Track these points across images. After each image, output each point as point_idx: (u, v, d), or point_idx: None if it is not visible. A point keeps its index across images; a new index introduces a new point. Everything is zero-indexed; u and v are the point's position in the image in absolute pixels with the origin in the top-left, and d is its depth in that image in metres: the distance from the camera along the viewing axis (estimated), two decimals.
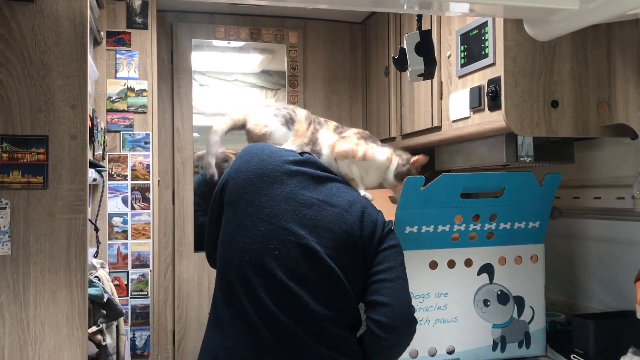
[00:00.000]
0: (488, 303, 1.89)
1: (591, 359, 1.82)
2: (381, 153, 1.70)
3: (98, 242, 2.33)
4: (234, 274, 1.46)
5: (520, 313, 1.93)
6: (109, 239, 2.48)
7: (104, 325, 2.10)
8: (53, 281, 1.49)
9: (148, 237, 2.52)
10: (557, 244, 2.36)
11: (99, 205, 2.42)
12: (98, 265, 2.20)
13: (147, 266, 2.52)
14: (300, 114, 1.71)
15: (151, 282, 2.54)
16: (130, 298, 2.50)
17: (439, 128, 2.20)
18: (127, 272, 2.50)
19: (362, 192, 1.66)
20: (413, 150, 2.64)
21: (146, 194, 2.54)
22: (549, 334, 2.17)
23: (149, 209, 2.55)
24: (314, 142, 1.67)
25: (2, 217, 1.47)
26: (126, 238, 2.50)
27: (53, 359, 1.48)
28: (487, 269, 1.90)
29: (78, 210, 1.51)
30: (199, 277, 2.93)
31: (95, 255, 2.32)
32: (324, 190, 1.55)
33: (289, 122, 1.68)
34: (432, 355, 1.83)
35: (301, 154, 1.61)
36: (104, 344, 2.10)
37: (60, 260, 1.50)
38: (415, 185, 1.70)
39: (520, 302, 1.94)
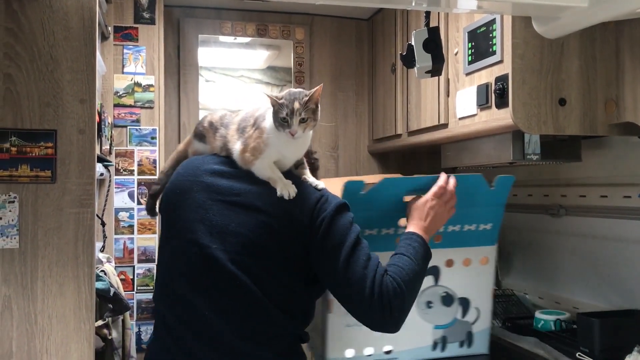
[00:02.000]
0: (431, 305, 1.84)
1: (596, 358, 1.82)
2: (267, 123, 1.47)
3: (104, 237, 2.34)
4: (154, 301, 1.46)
5: (464, 314, 1.89)
6: (115, 234, 2.49)
7: (110, 319, 2.11)
8: (61, 274, 1.50)
9: (154, 232, 2.53)
10: (562, 242, 2.36)
11: (106, 200, 2.43)
12: (104, 260, 2.21)
13: (152, 261, 2.52)
14: (206, 123, 1.59)
15: None
16: (136, 292, 2.50)
17: (445, 125, 2.20)
18: (133, 266, 2.51)
19: (280, 190, 1.43)
20: (419, 147, 2.64)
21: None
22: (553, 332, 2.17)
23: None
24: (226, 149, 1.51)
25: (10, 211, 1.47)
26: (132, 233, 2.51)
27: (60, 352, 1.48)
28: (433, 271, 1.82)
29: (86, 204, 1.52)
30: None
31: (102, 250, 2.33)
32: (242, 191, 1.42)
33: (201, 136, 1.58)
34: (369, 355, 1.77)
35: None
36: (109, 337, 2.11)
37: (68, 254, 1.50)
38: (356, 189, 1.61)
39: (465, 303, 1.87)
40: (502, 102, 1.79)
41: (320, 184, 1.49)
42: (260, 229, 1.37)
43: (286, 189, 1.42)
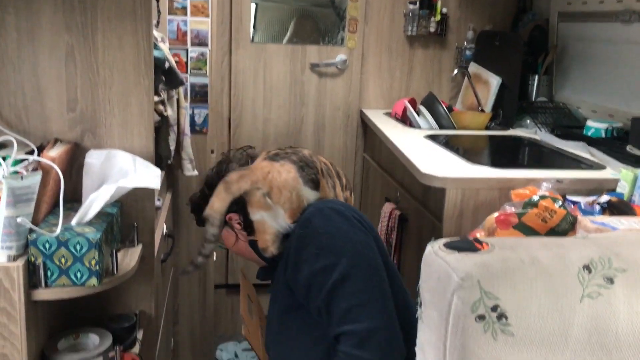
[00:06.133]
0: None
1: None
2: None
3: (158, 12, 2.33)
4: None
5: None
6: (169, 14, 2.46)
7: (166, 96, 2.18)
8: (120, 27, 1.50)
9: (207, 15, 2.50)
10: (628, 52, 2.24)
11: None
12: (159, 38, 2.22)
13: (205, 45, 2.53)
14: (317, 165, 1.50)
15: (210, 62, 2.56)
16: (190, 75, 2.54)
17: None
18: (187, 49, 2.52)
19: None
20: None
21: None
22: (603, 139, 2.15)
23: None
24: None
25: None
26: (185, 14, 2.48)
27: (121, 102, 1.54)
28: None
29: None
30: (254, 68, 2.95)
31: (157, 26, 2.32)
32: None
33: (315, 181, 1.45)
34: None
35: None
36: (165, 114, 2.19)
37: (126, 7, 1.50)
38: None
39: None
40: None
41: None
42: None
43: None
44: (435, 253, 1.06)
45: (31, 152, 1.38)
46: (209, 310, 3.02)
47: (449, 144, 2.28)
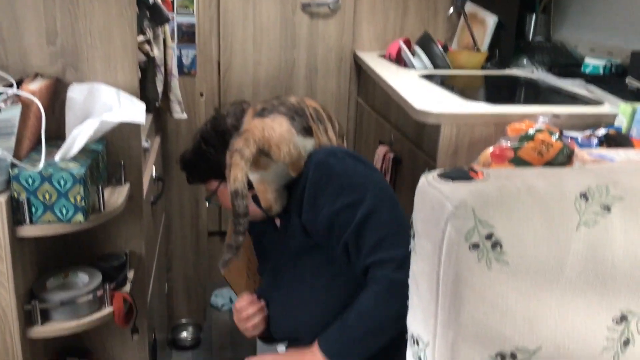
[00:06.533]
0: None
1: None
2: None
3: None
4: None
5: None
6: None
7: (152, 35, 2.10)
8: None
9: None
10: None
11: None
12: None
13: None
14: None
15: (197, 0, 2.47)
16: (176, 14, 2.45)
17: None
18: None
19: None
20: None
21: None
22: (601, 75, 2.10)
23: None
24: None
25: None
26: None
27: (103, 35, 1.48)
28: None
29: None
30: (244, 8, 2.86)
31: None
32: None
33: (307, 129, 1.40)
34: None
35: None
36: (151, 55, 2.12)
37: None
38: None
39: None
40: None
41: None
42: None
43: None
44: (429, 183, 1.02)
45: (10, 86, 1.33)
46: (203, 256, 3.01)
47: (444, 83, 2.23)
